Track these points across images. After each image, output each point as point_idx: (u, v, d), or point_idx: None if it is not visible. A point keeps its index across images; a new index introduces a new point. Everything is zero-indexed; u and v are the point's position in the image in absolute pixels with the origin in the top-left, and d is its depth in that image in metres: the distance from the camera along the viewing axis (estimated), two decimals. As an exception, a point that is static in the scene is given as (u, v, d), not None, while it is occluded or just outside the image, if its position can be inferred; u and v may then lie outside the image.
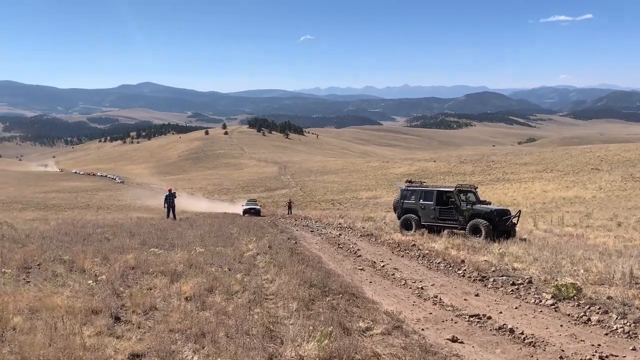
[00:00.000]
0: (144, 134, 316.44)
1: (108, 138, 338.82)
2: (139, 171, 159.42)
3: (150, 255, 10.74)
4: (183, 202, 41.19)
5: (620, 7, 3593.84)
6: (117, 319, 6.29)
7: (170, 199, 24.13)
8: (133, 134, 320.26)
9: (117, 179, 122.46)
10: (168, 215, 23.93)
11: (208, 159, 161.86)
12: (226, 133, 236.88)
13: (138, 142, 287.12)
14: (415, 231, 17.67)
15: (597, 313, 7.61)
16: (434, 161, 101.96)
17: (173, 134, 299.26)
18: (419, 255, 13.48)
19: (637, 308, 7.48)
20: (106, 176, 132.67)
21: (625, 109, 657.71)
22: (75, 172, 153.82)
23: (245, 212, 37.40)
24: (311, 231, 20.39)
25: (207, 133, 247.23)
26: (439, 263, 12.31)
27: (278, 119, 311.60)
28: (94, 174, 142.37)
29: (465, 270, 11.23)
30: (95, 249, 10.80)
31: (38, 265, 8.95)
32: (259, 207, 40.46)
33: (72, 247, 11.09)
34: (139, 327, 6.07)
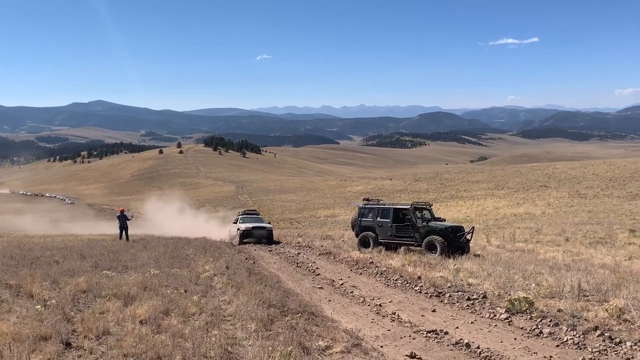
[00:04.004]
0: (95, 153, 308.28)
1: (57, 157, 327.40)
2: (90, 191, 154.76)
3: (102, 278, 10.42)
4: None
5: (564, 32, 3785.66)
6: (67, 344, 6.06)
7: (122, 220, 23.50)
8: (84, 153, 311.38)
9: (67, 199, 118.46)
10: (121, 237, 23.27)
11: (162, 178, 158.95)
12: (181, 152, 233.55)
13: (89, 162, 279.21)
14: (372, 249, 17.82)
15: (549, 325, 7.86)
16: (390, 179, 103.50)
17: (126, 153, 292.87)
18: (377, 273, 13.59)
19: (585, 320, 7.76)
20: (55, 197, 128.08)
21: (570, 128, 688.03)
22: (23, 194, 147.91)
23: (245, 236, 23.56)
24: (269, 250, 20.24)
25: (161, 152, 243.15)
26: (396, 280, 12.44)
27: (235, 138, 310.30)
28: (42, 195, 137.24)
29: (422, 286, 11.39)
30: (44, 273, 10.39)
31: (-19, 291, 8.53)
32: (269, 225, 25.38)
33: (18, 271, 10.63)
34: (91, 353, 5.88)
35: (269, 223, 27.41)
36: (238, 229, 24.36)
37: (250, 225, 24.28)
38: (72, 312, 7.44)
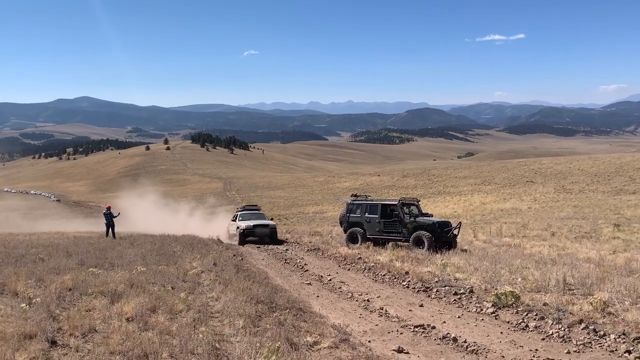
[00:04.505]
0: (81, 150, 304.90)
1: (43, 154, 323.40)
2: (76, 189, 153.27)
3: (88, 275, 10.33)
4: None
5: (550, 28, 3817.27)
6: (53, 343, 6.01)
7: (109, 217, 23.29)
8: (70, 150, 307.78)
9: (52, 197, 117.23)
10: (107, 234, 23.07)
11: (149, 175, 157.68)
12: (168, 148, 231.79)
13: (75, 159, 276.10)
14: (361, 244, 17.87)
15: (534, 319, 7.95)
16: (378, 175, 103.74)
17: (112, 149, 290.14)
18: (365, 268, 13.63)
19: (570, 313, 7.86)
20: (40, 194, 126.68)
21: (556, 124, 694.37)
22: (7, 191, 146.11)
23: (247, 235, 21.58)
24: (257, 247, 20.22)
25: (148, 149, 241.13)
26: (384, 275, 12.50)
27: (223, 134, 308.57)
28: (26, 192, 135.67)
29: (409, 281, 11.45)
30: (29, 271, 10.28)
31: (-35, 289, 8.42)
32: (272, 223, 23.06)
33: (3, 269, 10.51)
34: (77, 351, 5.83)
35: (272, 219, 25.03)
36: (238, 228, 22.15)
37: (251, 223, 22.06)
38: (57, 310, 7.37)
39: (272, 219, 24.95)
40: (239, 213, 24.50)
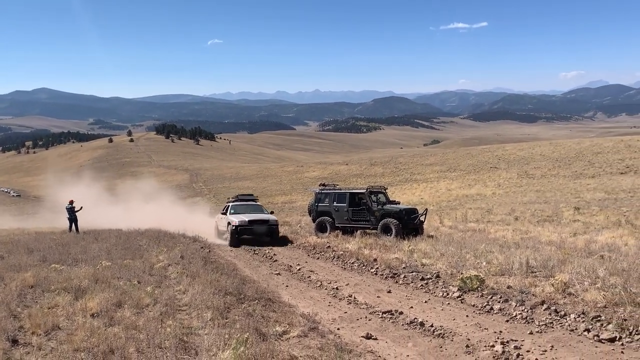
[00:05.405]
0: (41, 143, 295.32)
1: (0, 148, 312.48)
2: (36, 183, 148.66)
3: (51, 271, 10.08)
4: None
5: (513, 17, 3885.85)
6: (14, 342, 5.86)
7: (71, 212, 22.72)
8: (29, 143, 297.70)
9: (11, 192, 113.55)
10: (70, 229, 22.52)
11: (113, 168, 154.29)
12: (132, 140, 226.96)
13: (35, 152, 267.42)
14: (329, 233, 17.96)
15: (499, 302, 8.15)
16: (347, 164, 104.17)
17: (74, 142, 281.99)
18: (334, 257, 13.71)
19: (533, 295, 8.09)
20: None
21: (518, 110, 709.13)
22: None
23: (241, 233, 17.80)
24: (225, 238, 20.03)
25: (111, 141, 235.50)
26: (353, 263, 12.60)
27: (188, 125, 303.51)
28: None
29: (377, 268, 11.58)
30: (-13, 269, 9.95)
31: None
32: (273, 217, 19.13)
33: (-41, 268, 10.14)
34: (40, 349, 5.70)
35: (272, 212, 20.41)
36: (229, 224, 18.26)
37: (246, 218, 18.21)
38: (18, 308, 7.18)
39: (272, 212, 20.38)
40: (230, 204, 20.40)
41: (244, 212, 19.31)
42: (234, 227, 17.89)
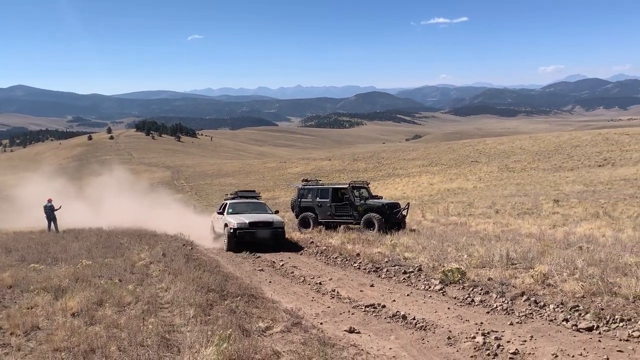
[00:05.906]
0: (18, 141, 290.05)
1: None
2: (14, 182, 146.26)
3: (30, 271, 9.94)
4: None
5: (492, 12, 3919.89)
6: (-8, 343, 5.74)
7: (49, 211, 22.38)
8: (6, 141, 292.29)
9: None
10: (49, 228, 22.20)
11: (92, 165, 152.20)
12: (112, 138, 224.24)
13: (12, 151, 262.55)
14: (313, 229, 17.99)
15: (480, 294, 8.24)
16: (329, 160, 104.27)
17: (52, 140, 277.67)
18: (317, 252, 13.74)
19: (513, 286, 8.19)
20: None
21: (498, 105, 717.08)
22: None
23: (240, 237, 15.24)
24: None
25: (90, 138, 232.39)
26: (336, 258, 12.64)
27: (169, 122, 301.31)
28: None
29: (360, 262, 11.63)
30: (-36, 270, 9.76)
31: None
32: (278, 219, 16.49)
33: None
34: (19, 350, 5.62)
35: (277, 212, 18.21)
36: (226, 225, 15.89)
37: (246, 219, 15.68)
38: (-4, 309, 7.06)
39: (276, 212, 18.33)
40: (228, 202, 18.02)
41: (244, 211, 16.94)
42: (231, 230, 15.38)
